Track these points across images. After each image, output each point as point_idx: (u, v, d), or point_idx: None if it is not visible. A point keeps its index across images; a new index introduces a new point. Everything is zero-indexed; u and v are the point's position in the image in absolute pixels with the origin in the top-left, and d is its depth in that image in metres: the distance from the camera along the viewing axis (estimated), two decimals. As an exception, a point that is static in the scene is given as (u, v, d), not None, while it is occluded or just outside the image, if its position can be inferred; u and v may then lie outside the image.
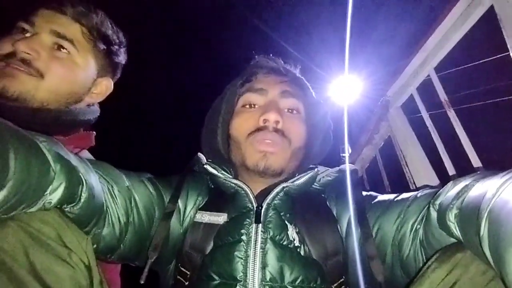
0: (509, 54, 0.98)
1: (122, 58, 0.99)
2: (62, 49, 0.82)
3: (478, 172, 0.51)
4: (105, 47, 0.90)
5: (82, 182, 0.53)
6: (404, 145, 1.55)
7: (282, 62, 0.93)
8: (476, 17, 1.13)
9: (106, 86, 0.96)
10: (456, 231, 0.47)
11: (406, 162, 1.53)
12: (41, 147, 0.47)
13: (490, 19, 1.10)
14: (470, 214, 0.43)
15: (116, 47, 0.94)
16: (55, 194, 0.48)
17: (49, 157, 0.47)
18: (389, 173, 1.93)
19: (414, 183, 1.45)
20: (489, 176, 0.46)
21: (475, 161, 1.11)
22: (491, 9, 1.07)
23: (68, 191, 0.50)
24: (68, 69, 0.83)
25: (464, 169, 1.18)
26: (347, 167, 0.83)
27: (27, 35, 0.81)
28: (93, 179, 0.58)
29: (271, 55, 0.94)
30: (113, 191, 0.65)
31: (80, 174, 0.53)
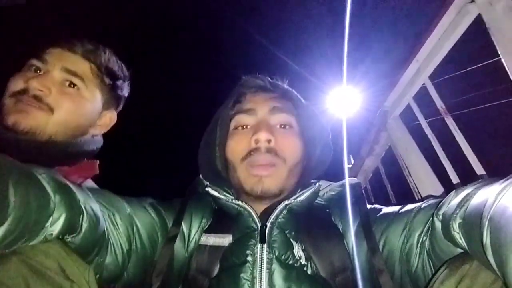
0: (500, 59, 1.00)
1: (126, 91, 1.04)
2: (72, 86, 0.87)
3: (480, 180, 0.51)
4: (111, 82, 0.95)
5: (83, 212, 0.53)
6: (405, 154, 1.55)
7: (269, 78, 0.92)
8: (465, 25, 1.15)
9: (110, 118, 1.00)
10: (462, 241, 0.47)
11: (408, 171, 1.52)
12: (40, 179, 0.47)
13: (478, 27, 1.12)
14: (473, 223, 0.42)
15: (121, 81, 0.99)
16: (56, 225, 0.48)
17: (49, 189, 0.48)
18: (392, 182, 1.92)
19: (419, 191, 1.44)
20: (490, 183, 0.46)
21: (476, 165, 1.11)
22: (479, 16, 1.09)
23: (68, 222, 0.50)
24: (77, 103, 0.87)
25: (466, 174, 1.17)
26: (347, 181, 0.82)
27: (40, 72, 0.85)
28: (94, 208, 0.58)
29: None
30: (114, 219, 0.65)
31: (81, 204, 0.53)
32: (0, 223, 0.39)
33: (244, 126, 0.84)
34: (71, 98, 0.86)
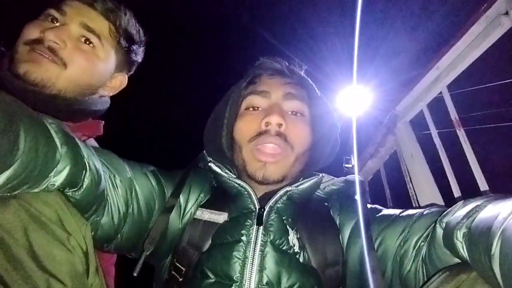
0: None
1: (140, 56, 1.01)
2: (88, 43, 0.84)
3: (490, 195, 0.50)
4: (127, 45, 0.93)
5: (86, 168, 0.53)
6: (410, 160, 1.54)
7: (287, 63, 0.91)
8: (494, 37, 1.12)
9: (120, 81, 0.98)
10: (463, 251, 0.46)
11: (410, 178, 1.51)
12: (50, 128, 0.47)
13: (508, 41, 1.09)
14: (481, 234, 0.42)
15: (137, 46, 0.97)
16: (59, 176, 0.48)
17: (57, 139, 0.47)
18: (392, 187, 1.92)
19: (417, 199, 1.43)
20: (501, 198, 0.45)
21: (482, 183, 1.10)
22: (510, 30, 1.06)
23: (72, 175, 0.50)
24: (91, 62, 0.85)
25: (469, 190, 1.16)
26: (356, 178, 0.81)
27: (57, 24, 0.83)
28: (97, 166, 0.58)
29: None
30: (114, 180, 0.65)
31: (85, 160, 0.53)
32: (8, 165, 0.39)
33: (256, 108, 0.82)
34: (86, 56, 0.84)
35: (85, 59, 0.83)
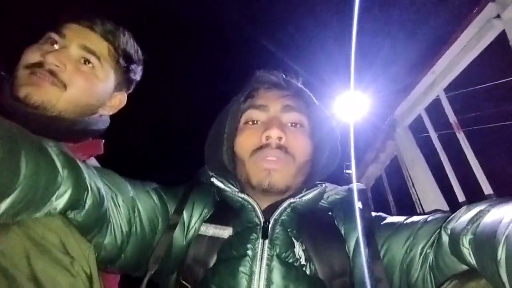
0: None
1: (138, 75, 1.03)
2: (87, 63, 0.86)
3: (493, 199, 0.50)
4: (125, 65, 0.94)
5: (88, 189, 0.53)
6: (411, 165, 1.54)
7: (284, 75, 0.92)
8: (487, 40, 1.13)
9: (120, 100, 0.99)
10: (470, 257, 0.46)
11: (412, 183, 1.51)
12: (50, 152, 0.47)
13: (501, 43, 1.10)
14: (486, 239, 0.41)
15: (135, 65, 0.98)
16: (61, 200, 0.48)
17: (58, 163, 0.47)
18: (394, 192, 1.91)
19: (421, 204, 1.42)
20: (505, 202, 0.45)
21: (484, 184, 1.09)
22: (502, 33, 1.07)
23: (74, 197, 0.50)
24: (90, 82, 0.86)
25: (472, 192, 1.16)
26: (355, 186, 0.81)
27: (56, 46, 0.84)
28: (98, 187, 0.57)
29: (273, 69, 0.94)
30: (116, 200, 0.65)
31: (86, 181, 0.53)
32: (10, 191, 0.39)
33: (255, 122, 0.83)
34: (85, 77, 0.85)
35: (84, 80, 0.84)
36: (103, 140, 1.00)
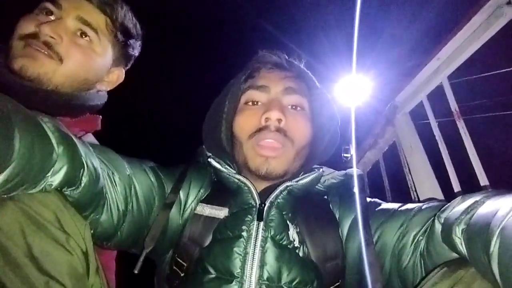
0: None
1: (137, 51, 1.00)
2: (84, 36, 0.83)
3: (488, 190, 0.50)
4: (124, 39, 0.91)
5: (84, 166, 0.53)
6: (409, 152, 1.54)
7: (286, 56, 0.90)
8: (496, 28, 1.10)
9: (118, 75, 0.97)
10: (462, 247, 0.46)
11: (409, 169, 1.51)
12: (45, 128, 0.46)
13: (510, 31, 1.08)
14: (479, 230, 0.42)
15: (134, 40, 0.95)
16: (56, 176, 0.48)
17: (53, 139, 0.47)
18: (391, 178, 1.92)
19: (416, 191, 1.44)
20: (500, 194, 0.45)
21: (481, 175, 1.10)
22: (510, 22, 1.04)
23: (69, 174, 0.49)
24: (87, 56, 0.84)
25: (468, 181, 1.17)
26: (355, 171, 0.81)
27: (52, 17, 0.81)
28: (95, 164, 0.57)
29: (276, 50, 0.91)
30: (113, 177, 0.65)
31: (82, 158, 0.53)
32: (4, 167, 0.39)
33: (255, 102, 0.82)
34: (82, 50, 0.82)
35: (81, 54, 0.82)
36: (101, 116, 0.99)
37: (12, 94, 0.44)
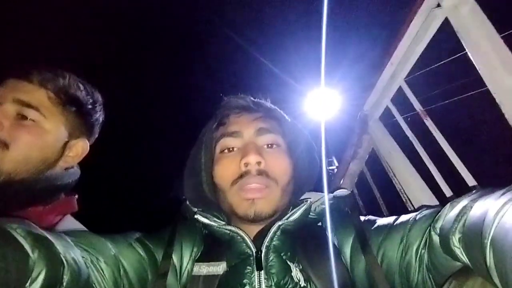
0: (466, 53, 1.04)
1: (97, 117, 0.96)
2: (26, 119, 0.80)
3: (473, 192, 0.51)
4: (75, 109, 0.88)
5: (63, 264, 0.49)
6: (389, 156, 1.57)
7: (252, 98, 0.91)
8: (433, 29, 1.18)
9: (82, 147, 0.92)
10: (463, 256, 0.46)
11: (393, 173, 1.54)
12: (16, 236, 0.44)
13: (447, 28, 1.16)
14: (474, 240, 0.41)
15: (89, 106, 0.92)
16: (35, 284, 0.44)
17: (26, 246, 0.44)
18: (378, 185, 1.94)
19: (405, 192, 1.45)
20: (485, 195, 0.46)
21: (458, 164, 1.13)
22: (445, 20, 1.13)
23: (49, 277, 0.46)
24: (35, 135, 0.80)
25: (449, 172, 1.20)
26: (326, 191, 0.81)
27: None
28: (75, 257, 0.54)
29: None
30: (98, 264, 0.61)
31: (61, 255, 0.49)
32: None
33: (231, 149, 0.81)
34: (28, 130, 0.78)
35: (28, 134, 0.78)
36: (76, 195, 0.94)
37: None
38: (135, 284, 0.66)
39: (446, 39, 1.24)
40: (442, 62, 1.43)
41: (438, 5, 1.11)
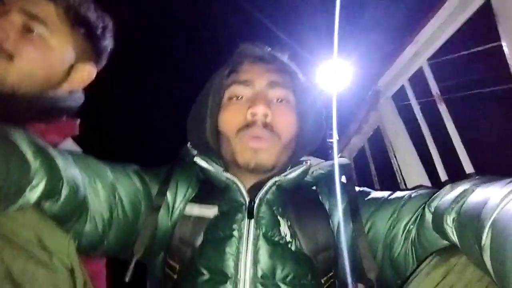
0: (501, 44, 0.98)
1: (106, 43, 0.92)
2: (32, 32, 0.76)
3: (476, 178, 0.50)
4: (84, 30, 0.84)
5: (62, 178, 0.50)
6: (393, 136, 1.56)
7: (269, 48, 0.88)
8: (471, 10, 1.11)
9: (88, 72, 0.89)
10: (453, 236, 0.47)
11: (394, 153, 1.54)
12: (19, 143, 0.44)
13: (485, 12, 1.09)
14: (470, 221, 0.42)
15: (99, 31, 0.87)
16: (34, 192, 0.45)
17: (28, 154, 0.44)
18: (376, 163, 1.95)
19: (402, 174, 1.47)
20: (490, 182, 0.45)
21: (463, 156, 1.13)
22: (486, 2, 1.05)
23: (48, 188, 0.47)
24: (40, 51, 0.77)
25: (452, 163, 1.19)
26: (336, 160, 0.81)
27: None
28: (74, 174, 0.55)
29: (257, 40, 0.89)
30: (95, 186, 0.62)
31: (60, 170, 0.50)
32: None
33: (240, 97, 0.80)
34: (33, 45, 0.75)
35: (33, 48, 0.75)
36: (79, 120, 0.94)
37: None
38: (128, 212, 0.68)
39: (481, 24, 1.17)
40: (472, 50, 1.36)
41: (483, -17, 1.03)
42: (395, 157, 1.53)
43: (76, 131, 0.91)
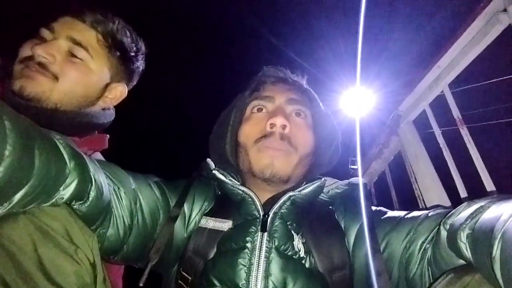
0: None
1: (138, 65, 1.01)
2: (76, 56, 0.85)
3: (494, 195, 0.50)
4: (119, 54, 0.93)
5: (92, 181, 0.54)
6: (414, 161, 1.53)
7: (290, 72, 0.94)
8: (493, 35, 1.11)
9: (121, 91, 0.98)
10: (467, 252, 0.46)
11: (415, 178, 1.50)
12: (58, 145, 0.49)
13: (507, 38, 1.09)
14: (483, 235, 0.41)
15: (132, 54, 0.96)
16: (67, 190, 0.49)
17: (65, 155, 0.49)
18: (397, 188, 1.90)
19: (423, 199, 1.42)
20: (505, 199, 0.45)
21: (487, 182, 1.09)
22: (508, 27, 1.06)
23: (79, 188, 0.51)
24: (82, 73, 0.86)
25: (475, 188, 1.16)
26: (360, 180, 0.82)
27: (47, 39, 0.84)
28: (102, 179, 0.59)
29: (279, 66, 0.95)
30: (119, 192, 0.66)
31: (91, 173, 0.54)
32: (25, 183, 0.41)
33: (261, 110, 0.85)
34: (76, 68, 0.85)
35: (76, 71, 0.84)
36: (108, 135, 1.01)
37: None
38: (147, 219, 0.71)
39: (504, 49, 1.16)
40: (494, 74, 1.35)
41: (504, 10, 1.04)
42: (416, 182, 1.50)
43: (106, 145, 0.97)
